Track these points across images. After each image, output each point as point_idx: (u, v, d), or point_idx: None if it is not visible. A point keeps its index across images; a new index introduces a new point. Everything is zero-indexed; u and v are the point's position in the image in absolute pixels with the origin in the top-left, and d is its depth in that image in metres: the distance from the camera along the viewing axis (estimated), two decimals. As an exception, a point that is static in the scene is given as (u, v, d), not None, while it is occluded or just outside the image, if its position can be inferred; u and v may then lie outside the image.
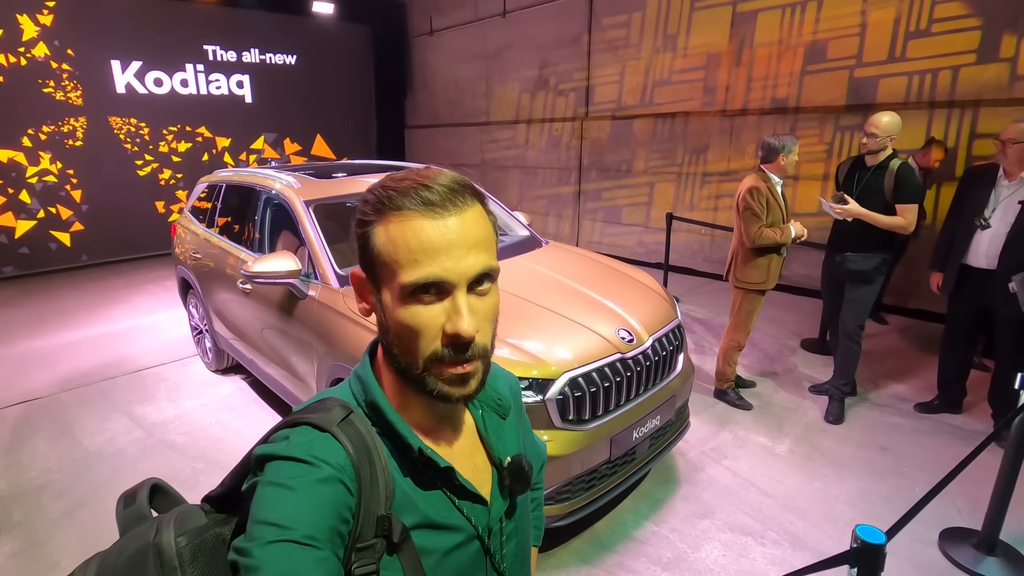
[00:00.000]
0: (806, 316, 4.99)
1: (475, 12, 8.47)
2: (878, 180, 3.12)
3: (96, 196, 7.64)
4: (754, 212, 3.23)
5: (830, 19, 5.18)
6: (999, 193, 3.03)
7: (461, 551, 0.69)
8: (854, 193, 3.20)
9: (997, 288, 2.93)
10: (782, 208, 3.32)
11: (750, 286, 3.40)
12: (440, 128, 9.74)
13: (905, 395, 3.64)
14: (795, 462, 2.95)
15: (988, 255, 3.06)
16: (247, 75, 8.54)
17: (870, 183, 3.15)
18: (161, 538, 0.63)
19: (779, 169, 3.29)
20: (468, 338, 0.61)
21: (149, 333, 5.03)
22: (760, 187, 3.24)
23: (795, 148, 3.27)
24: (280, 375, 3.14)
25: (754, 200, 3.22)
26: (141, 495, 0.72)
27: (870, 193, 3.13)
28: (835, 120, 5.29)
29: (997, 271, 2.99)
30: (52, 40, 7.04)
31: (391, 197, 0.61)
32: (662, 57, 6.51)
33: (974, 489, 2.58)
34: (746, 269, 3.38)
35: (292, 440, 0.61)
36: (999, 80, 4.41)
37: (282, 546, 0.53)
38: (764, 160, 3.32)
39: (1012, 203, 2.97)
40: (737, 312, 3.49)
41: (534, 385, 2.09)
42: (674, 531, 2.48)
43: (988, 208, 3.05)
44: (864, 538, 1.14)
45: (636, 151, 6.97)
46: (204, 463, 3.08)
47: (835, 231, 3.42)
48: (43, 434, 3.40)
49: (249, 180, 3.63)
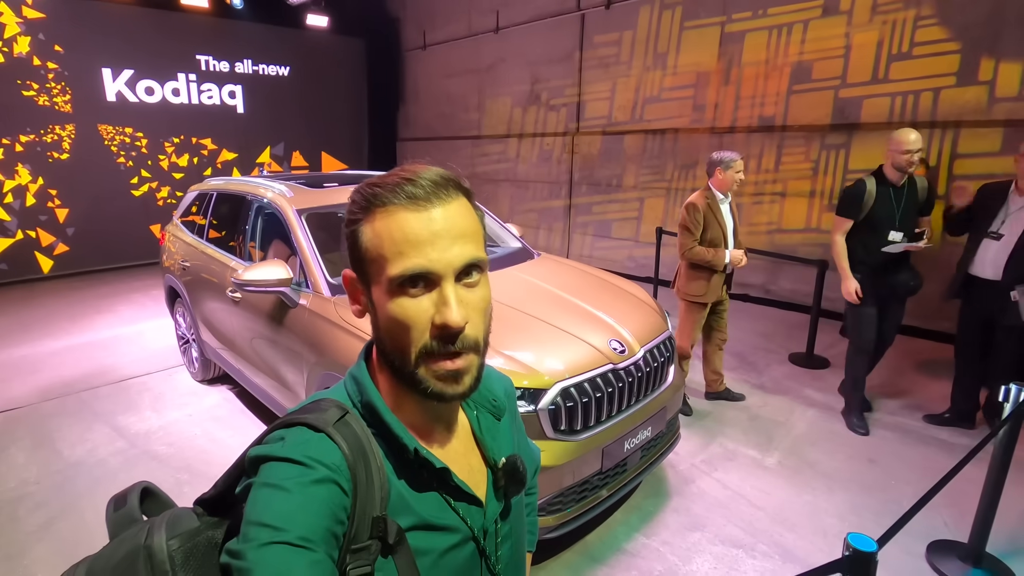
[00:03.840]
0: (794, 330, 5.04)
1: (468, 27, 8.58)
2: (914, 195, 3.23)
3: (83, 217, 7.06)
4: (687, 228, 3.36)
5: (816, 40, 5.32)
6: (1009, 205, 3.12)
7: (456, 552, 0.68)
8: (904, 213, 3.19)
9: (998, 298, 3.02)
10: (723, 226, 3.38)
11: (691, 298, 3.49)
12: (432, 141, 9.79)
13: (894, 409, 3.67)
14: (784, 475, 2.96)
15: (995, 265, 3.12)
16: (239, 85, 8.54)
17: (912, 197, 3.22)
18: (152, 541, 0.63)
19: (720, 184, 3.36)
20: (456, 328, 0.60)
21: (134, 342, 4.95)
22: (699, 203, 3.35)
23: (734, 164, 3.31)
24: (268, 385, 3.10)
25: (689, 216, 3.34)
26: (132, 498, 0.71)
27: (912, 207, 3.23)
28: (820, 138, 5.41)
29: (1001, 282, 3.06)
30: (37, 34, 6.33)
31: (377, 194, 0.62)
32: (652, 75, 6.62)
33: (961, 502, 2.61)
34: (688, 282, 3.48)
35: (287, 441, 0.60)
36: (978, 102, 4.54)
37: (276, 548, 0.53)
38: (708, 175, 3.43)
39: (1021, 215, 3.05)
40: (681, 323, 3.59)
41: (526, 395, 2.09)
42: (665, 544, 2.47)
43: (998, 220, 3.12)
44: (856, 546, 1.15)
45: (626, 166, 7.05)
46: (188, 474, 3.02)
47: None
48: (22, 444, 3.32)
49: (241, 189, 3.62)
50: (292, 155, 9.43)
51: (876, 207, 3.19)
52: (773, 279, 5.97)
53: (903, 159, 3.09)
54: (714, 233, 3.36)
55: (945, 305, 4.85)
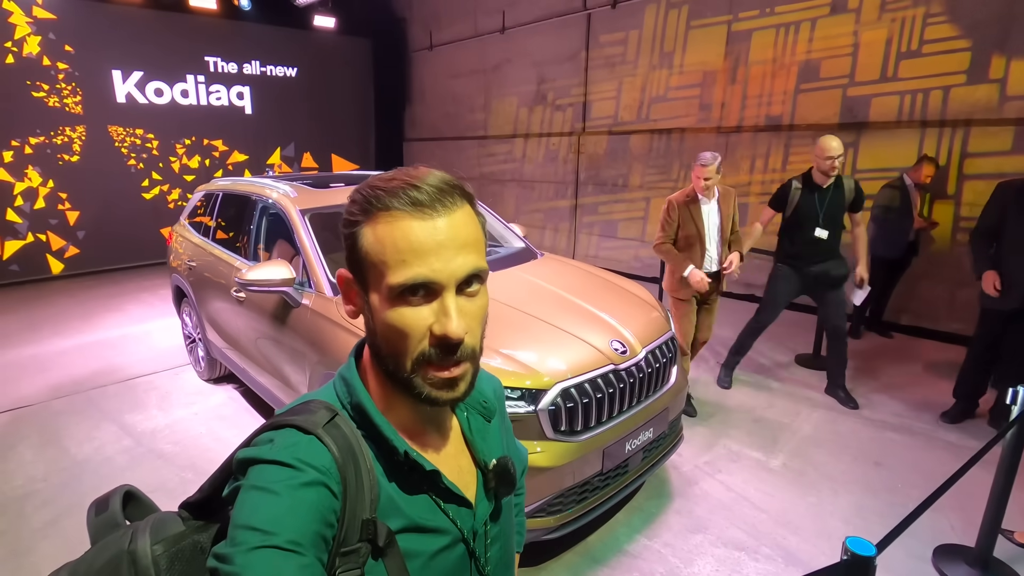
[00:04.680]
0: (799, 331, 5.00)
1: (474, 28, 8.58)
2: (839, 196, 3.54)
3: (93, 220, 7.04)
4: (662, 224, 3.45)
5: (823, 39, 5.27)
6: None
7: (446, 554, 0.68)
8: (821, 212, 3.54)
9: None
10: (700, 227, 3.36)
11: (673, 294, 3.56)
12: (438, 141, 9.81)
13: (899, 411, 3.63)
14: (789, 477, 2.93)
15: None
16: (247, 87, 8.60)
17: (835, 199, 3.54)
18: (136, 546, 0.62)
19: (694, 183, 3.34)
20: (457, 340, 0.60)
21: (141, 342, 5.00)
22: (673, 201, 3.41)
23: (709, 165, 3.24)
24: (272, 384, 3.12)
25: (665, 212, 3.43)
26: (114, 502, 0.70)
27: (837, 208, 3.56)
28: (828, 138, 5.35)
29: None
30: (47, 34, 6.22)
31: (379, 197, 0.60)
32: (658, 74, 6.59)
33: (968, 505, 2.57)
34: (668, 278, 3.58)
35: (276, 443, 0.60)
36: (989, 100, 4.47)
37: (265, 552, 0.52)
38: None
39: None
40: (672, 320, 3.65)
41: (526, 395, 2.08)
42: (667, 545, 2.45)
43: None
44: (854, 550, 1.13)
45: (632, 166, 7.02)
46: (193, 472, 3.04)
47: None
48: (30, 442, 3.36)
49: (246, 189, 3.64)
50: (303, 156, 9.48)
51: (801, 205, 3.55)
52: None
53: (826, 164, 3.40)
54: (688, 232, 3.39)
55: (951, 307, 4.82)
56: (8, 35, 6.18)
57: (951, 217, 4.78)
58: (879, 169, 5.04)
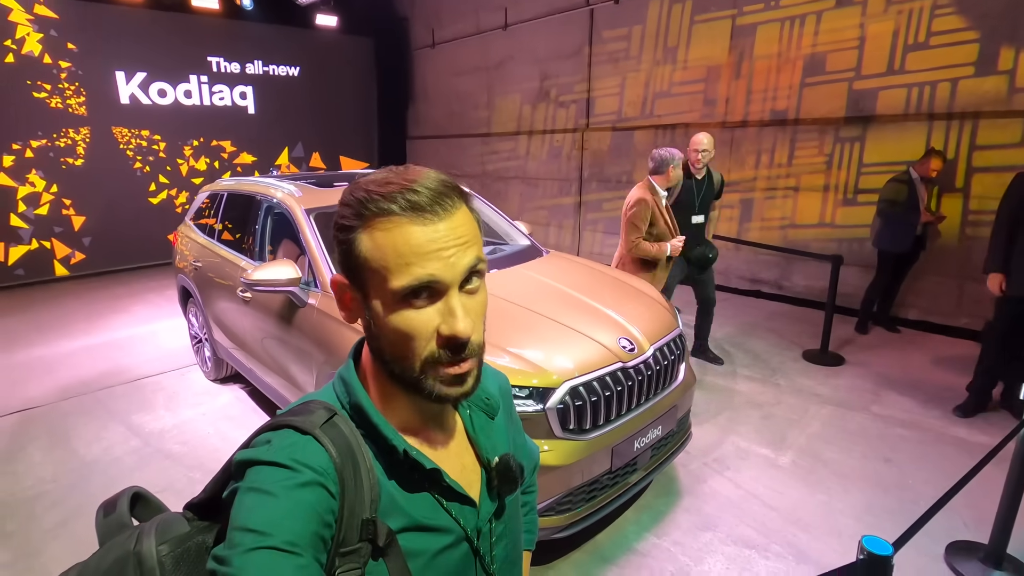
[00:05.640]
0: (808, 327, 4.97)
1: (476, 25, 8.55)
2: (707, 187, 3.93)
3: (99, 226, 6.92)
4: (635, 224, 3.56)
5: (829, 32, 5.22)
6: None
7: (450, 553, 0.68)
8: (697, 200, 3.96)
9: None
10: (667, 222, 3.65)
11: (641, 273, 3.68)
12: (441, 139, 9.79)
13: (908, 407, 3.61)
14: (798, 474, 2.92)
15: None
16: (250, 86, 8.59)
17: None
18: (142, 547, 0.62)
19: (666, 181, 3.59)
20: (465, 339, 0.60)
21: (148, 342, 5.01)
22: (647, 200, 3.54)
23: (681, 163, 3.62)
24: (279, 384, 3.12)
25: (639, 213, 3.53)
26: (122, 504, 0.70)
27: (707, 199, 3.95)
28: (835, 132, 5.31)
29: None
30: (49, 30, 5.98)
31: (375, 201, 0.59)
32: (662, 69, 6.56)
33: (980, 502, 2.55)
34: (635, 274, 3.58)
35: (273, 444, 0.60)
36: (998, 92, 4.43)
37: (262, 553, 0.52)
38: (653, 172, 3.62)
39: None
40: None
41: (534, 394, 2.07)
42: (676, 544, 2.44)
43: None
44: (871, 549, 1.12)
45: (636, 162, 6.99)
46: (201, 473, 3.05)
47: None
48: (39, 443, 3.37)
49: (250, 189, 3.64)
50: (312, 156, 9.47)
51: (682, 195, 3.89)
52: (786, 275, 5.89)
53: (694, 157, 3.78)
54: (660, 229, 3.61)
55: (960, 301, 4.78)
56: (8, 33, 6.00)
57: (959, 211, 4.73)
58: (886, 163, 4.99)
